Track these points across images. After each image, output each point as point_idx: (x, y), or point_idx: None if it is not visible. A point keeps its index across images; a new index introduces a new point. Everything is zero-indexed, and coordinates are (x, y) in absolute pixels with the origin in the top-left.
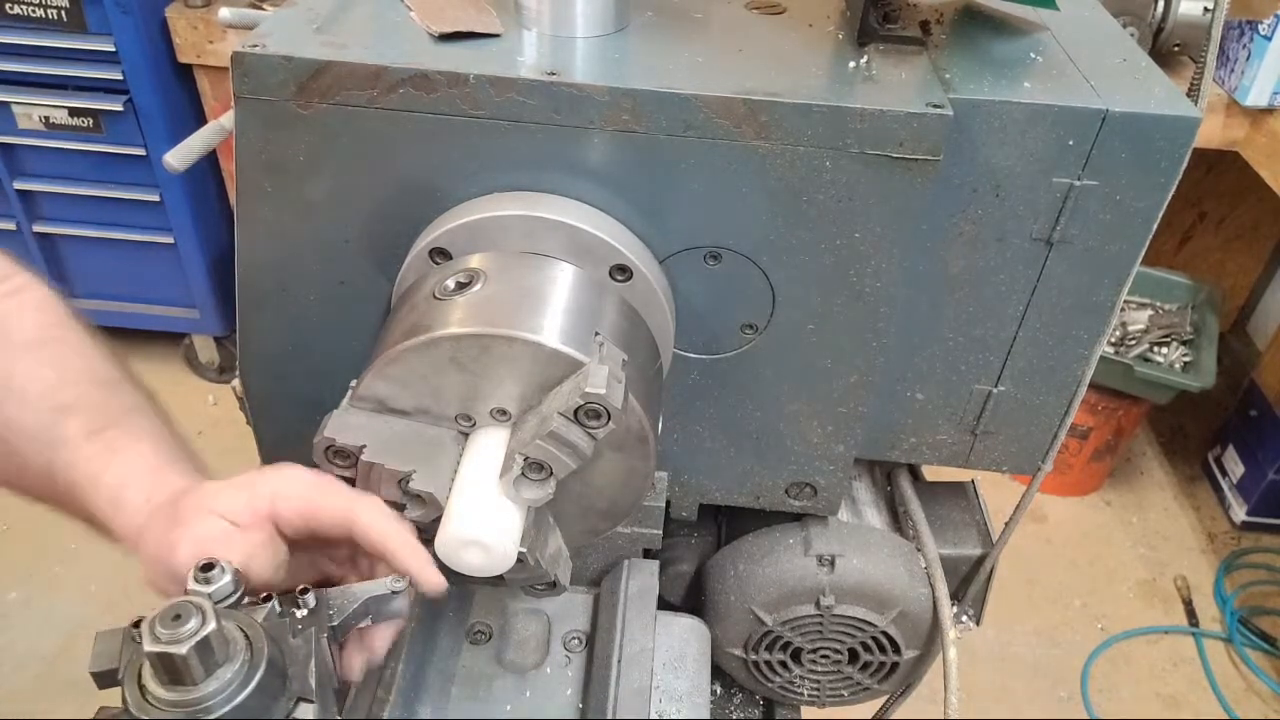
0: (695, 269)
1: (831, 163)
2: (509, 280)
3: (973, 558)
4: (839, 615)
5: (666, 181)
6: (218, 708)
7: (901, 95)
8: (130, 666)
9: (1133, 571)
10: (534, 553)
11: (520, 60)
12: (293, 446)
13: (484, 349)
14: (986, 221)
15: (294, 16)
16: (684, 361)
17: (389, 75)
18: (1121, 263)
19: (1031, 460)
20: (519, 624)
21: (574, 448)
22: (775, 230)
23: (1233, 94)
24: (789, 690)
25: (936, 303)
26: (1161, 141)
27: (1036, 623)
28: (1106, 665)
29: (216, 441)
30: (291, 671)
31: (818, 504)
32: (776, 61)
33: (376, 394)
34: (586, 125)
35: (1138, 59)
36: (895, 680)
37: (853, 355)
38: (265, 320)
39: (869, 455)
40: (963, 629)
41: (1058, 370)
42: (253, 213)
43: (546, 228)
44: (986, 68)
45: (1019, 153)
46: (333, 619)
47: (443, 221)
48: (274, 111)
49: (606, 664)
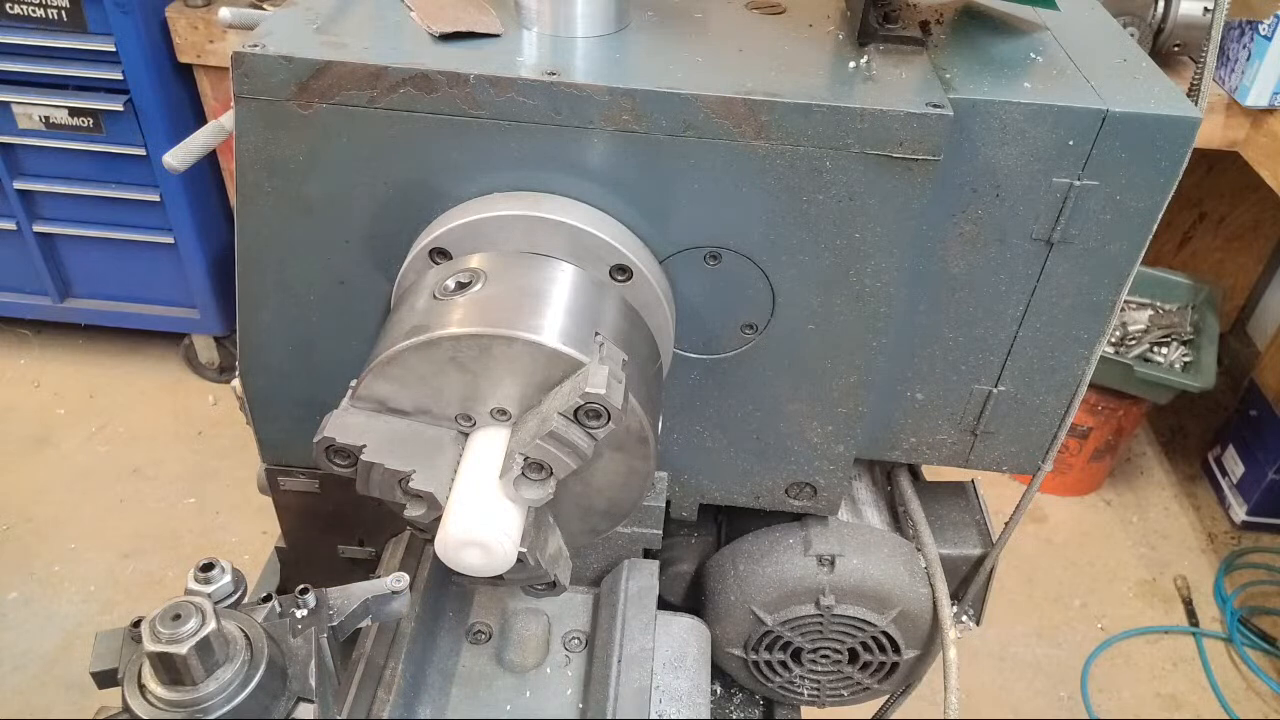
0: (695, 269)
1: (832, 163)
2: (509, 280)
3: (973, 558)
4: (839, 615)
5: (666, 181)
6: (218, 708)
7: (902, 95)
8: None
9: (1133, 571)
10: (534, 553)
11: (520, 60)
12: (293, 446)
13: (484, 349)
14: (986, 221)
15: (294, 16)
16: (684, 361)
17: (389, 75)
18: (1121, 263)
19: (1031, 460)
20: (519, 624)
21: (574, 448)
22: (775, 230)
23: (1233, 94)
24: (789, 690)
25: (936, 303)
26: (1161, 141)
27: (1036, 623)
28: (1106, 665)
29: (216, 441)
30: (291, 671)
31: (818, 504)
32: (776, 61)
33: (376, 394)
34: (587, 125)
35: (1138, 59)
36: (895, 680)
37: (853, 355)
38: (265, 320)
39: (869, 455)
40: (963, 629)
41: (1058, 370)
42: (253, 213)
43: (546, 228)
44: (986, 68)
45: (1019, 153)
46: (333, 619)
47: (443, 221)
48: (274, 111)
49: (606, 664)
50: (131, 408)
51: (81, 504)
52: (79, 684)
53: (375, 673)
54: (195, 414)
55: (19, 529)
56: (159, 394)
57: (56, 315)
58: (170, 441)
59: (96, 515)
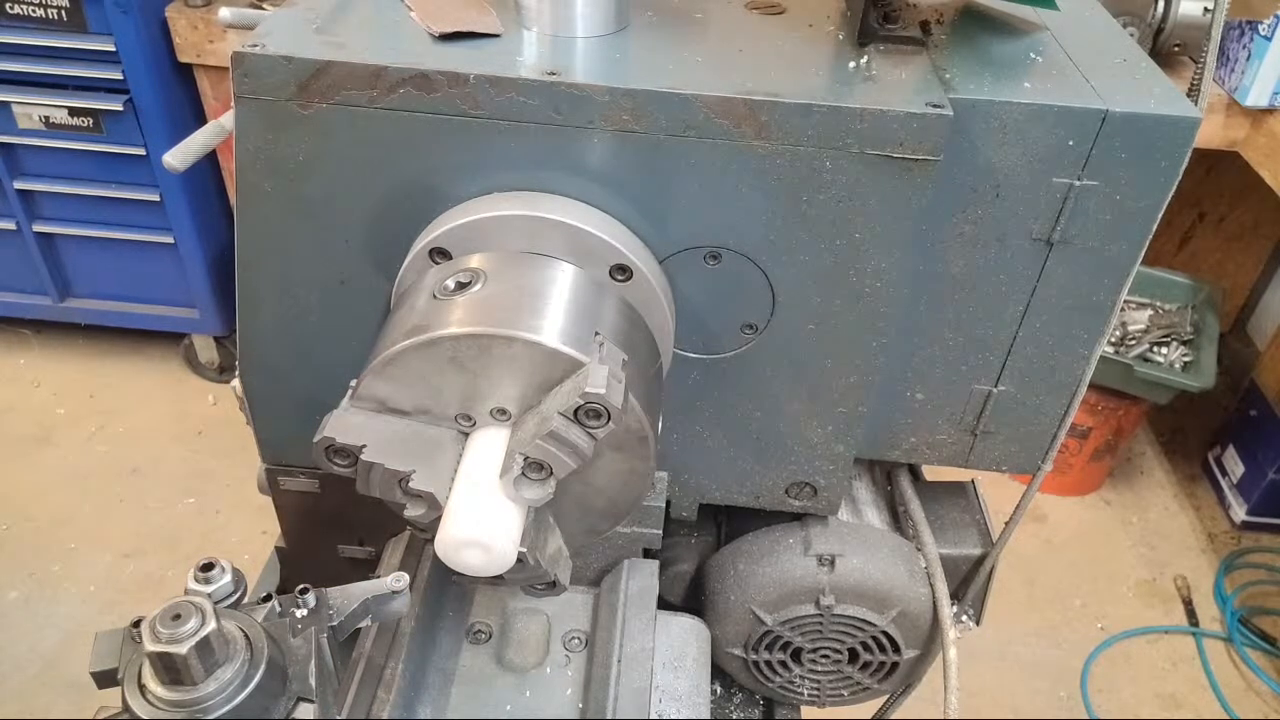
0: (695, 269)
1: (831, 163)
2: (509, 280)
3: (973, 558)
4: (839, 615)
5: (666, 181)
6: (218, 708)
7: (901, 95)
8: (130, 666)
9: (1133, 571)
10: (534, 553)
11: (520, 60)
12: (293, 446)
13: (484, 349)
14: (986, 221)
15: (294, 16)
16: (684, 361)
17: (389, 75)
18: (1121, 263)
19: (1031, 460)
20: (519, 624)
21: (574, 448)
22: (775, 230)
23: (1233, 94)
24: (789, 690)
25: (936, 303)
26: (1161, 141)
27: (1036, 623)
28: (1106, 665)
29: (216, 441)
30: (291, 671)
31: (818, 504)
32: (776, 61)
33: (376, 394)
34: (586, 125)
35: (1138, 59)
36: (895, 680)
37: (853, 355)
38: (265, 320)
39: (869, 455)
40: (963, 629)
41: (1058, 370)
42: (253, 213)
43: (546, 227)
44: (986, 68)
45: (1019, 153)
46: (333, 619)
47: (443, 221)
48: (274, 111)
49: (606, 664)
50: (131, 408)
51: (81, 504)
52: (79, 684)
53: (375, 673)
54: (195, 414)
55: (19, 529)
56: (159, 394)
57: (56, 315)
58: (170, 441)
59: (96, 515)
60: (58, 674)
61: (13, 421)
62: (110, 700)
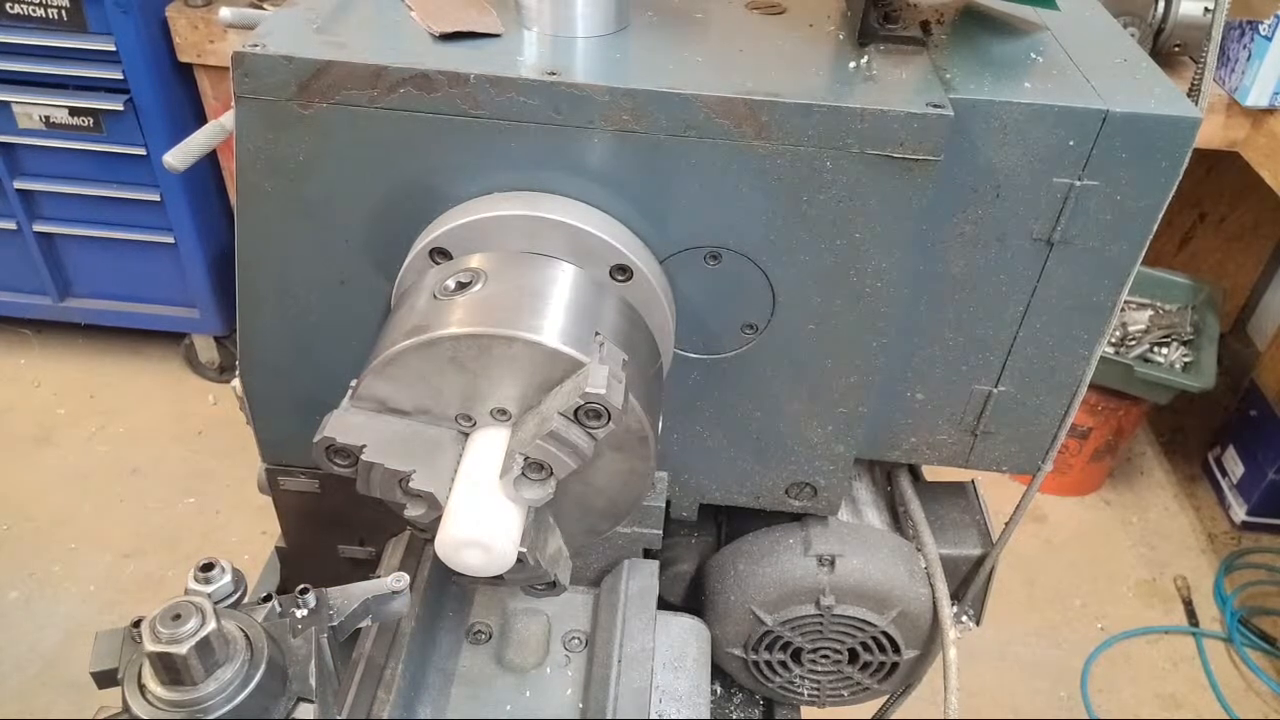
0: (695, 269)
1: (832, 163)
2: (509, 280)
3: (973, 558)
4: (839, 615)
5: (667, 181)
6: (218, 708)
7: (902, 95)
8: (130, 666)
9: (1133, 571)
10: (534, 553)
11: (520, 60)
12: (293, 446)
13: (484, 349)
14: (986, 221)
15: (294, 16)
16: (684, 361)
17: (389, 75)
18: (1121, 263)
19: (1031, 460)
20: (519, 624)
21: (574, 448)
22: (775, 230)
23: (1233, 94)
24: (789, 690)
25: (936, 303)
26: (1162, 142)
27: (1036, 623)
28: (1106, 665)
29: (216, 441)
30: (291, 672)
31: (818, 504)
32: (777, 61)
33: (376, 394)
34: (587, 125)
35: (1138, 59)
36: (895, 680)
37: (853, 355)
38: (265, 320)
39: (869, 455)
40: (963, 629)
41: (1058, 370)
42: (253, 213)
43: (547, 227)
44: (986, 68)
45: (1019, 153)
46: (333, 619)
47: (443, 221)
48: (274, 111)
49: (606, 664)
50: (131, 408)
51: (81, 504)
52: (79, 684)
53: (375, 673)
54: (195, 414)
55: (19, 529)
56: (159, 394)
57: (56, 315)
58: (170, 441)
59: (96, 515)
60: (58, 674)
61: (13, 421)
62: (110, 700)
